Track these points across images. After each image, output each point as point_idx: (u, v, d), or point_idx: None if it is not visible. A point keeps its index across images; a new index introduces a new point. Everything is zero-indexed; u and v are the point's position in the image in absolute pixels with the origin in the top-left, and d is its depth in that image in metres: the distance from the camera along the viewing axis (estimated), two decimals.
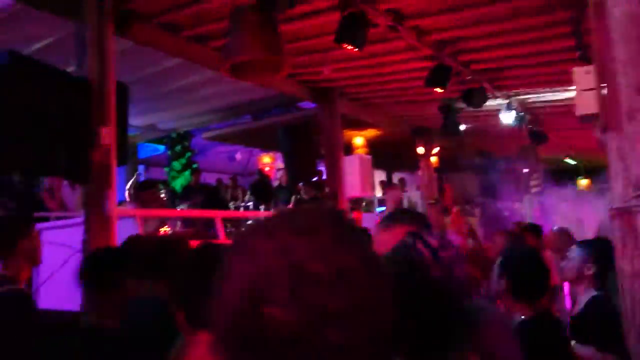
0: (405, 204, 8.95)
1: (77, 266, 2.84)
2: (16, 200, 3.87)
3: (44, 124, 3.17)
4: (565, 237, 4.35)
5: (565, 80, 6.11)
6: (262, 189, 8.91)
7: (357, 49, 4.29)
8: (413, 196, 9.31)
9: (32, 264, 2.48)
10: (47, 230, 4.64)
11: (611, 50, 1.92)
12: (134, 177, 6.36)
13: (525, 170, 10.15)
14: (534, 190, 10.77)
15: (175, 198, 8.10)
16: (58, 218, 5.60)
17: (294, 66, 5.54)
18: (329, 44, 4.79)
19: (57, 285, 3.49)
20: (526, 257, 2.36)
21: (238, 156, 11.97)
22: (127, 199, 5.72)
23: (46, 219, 5.27)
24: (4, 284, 2.20)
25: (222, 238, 5.31)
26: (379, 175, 11.83)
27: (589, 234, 6.06)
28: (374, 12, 4.41)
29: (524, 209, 10.69)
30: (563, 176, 11.30)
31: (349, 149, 8.95)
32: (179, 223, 5.52)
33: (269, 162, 11.75)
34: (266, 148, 11.27)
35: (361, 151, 8.99)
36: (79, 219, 4.15)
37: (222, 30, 4.46)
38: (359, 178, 6.82)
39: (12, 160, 3.05)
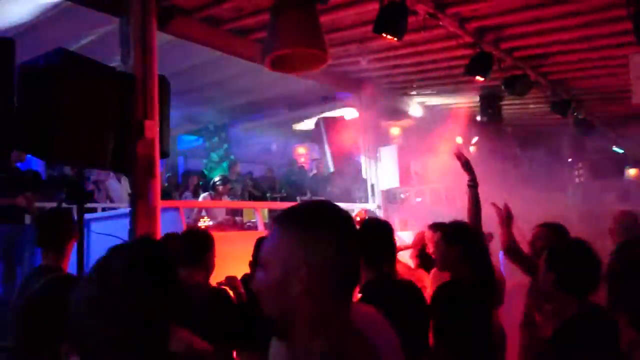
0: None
1: None
2: (66, 192, 4.01)
3: (92, 118, 3.27)
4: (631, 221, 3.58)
5: (615, 66, 5.86)
6: (294, 181, 8.98)
7: (396, 39, 4.22)
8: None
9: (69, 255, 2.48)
10: (94, 221, 4.83)
11: None
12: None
13: (570, 159, 9.82)
14: (578, 180, 10.41)
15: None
16: (104, 209, 5.82)
17: (332, 57, 5.52)
18: (367, 33, 4.74)
19: None
20: (575, 249, 2.26)
21: (274, 147, 12.05)
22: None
23: (94, 210, 5.48)
24: (53, 272, 2.20)
25: (261, 228, 5.38)
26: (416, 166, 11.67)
27: None
28: (413, 1, 4.32)
29: (567, 199, 10.35)
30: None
31: (386, 139, 8.86)
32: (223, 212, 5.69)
33: (304, 152, 11.80)
34: (302, 139, 11.30)
35: (398, 141, 8.88)
36: (125, 210, 4.29)
37: (261, 22, 4.48)
38: (397, 169, 6.74)
39: (64, 153, 3.16)
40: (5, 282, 4.64)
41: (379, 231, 2.36)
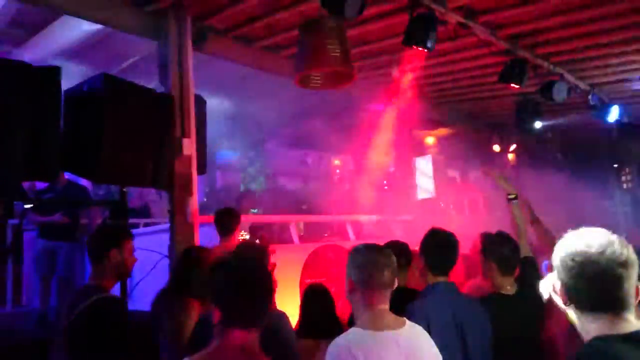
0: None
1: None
2: (110, 209, 4.19)
3: (134, 138, 3.42)
4: None
5: None
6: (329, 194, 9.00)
7: (427, 50, 4.21)
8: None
9: (119, 276, 2.41)
10: (136, 237, 5.00)
11: None
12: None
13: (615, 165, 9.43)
14: (625, 186, 9.98)
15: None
16: (146, 225, 6.02)
17: (364, 69, 5.56)
18: (397, 45, 4.75)
19: (149, 288, 3.74)
20: None
21: (309, 160, 12.14)
22: None
23: (136, 226, 5.69)
24: (93, 294, 2.18)
25: (297, 241, 5.43)
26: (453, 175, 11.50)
27: None
28: (443, 11, 4.31)
29: (614, 206, 9.93)
30: None
31: (421, 149, 8.79)
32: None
33: (339, 165, 11.83)
34: (337, 151, 11.34)
35: (433, 151, 8.80)
36: (165, 226, 4.43)
37: (292, 39, 4.58)
38: (433, 179, 6.68)
39: (108, 173, 3.32)
40: (43, 296, 4.86)
41: (445, 240, 2.44)
